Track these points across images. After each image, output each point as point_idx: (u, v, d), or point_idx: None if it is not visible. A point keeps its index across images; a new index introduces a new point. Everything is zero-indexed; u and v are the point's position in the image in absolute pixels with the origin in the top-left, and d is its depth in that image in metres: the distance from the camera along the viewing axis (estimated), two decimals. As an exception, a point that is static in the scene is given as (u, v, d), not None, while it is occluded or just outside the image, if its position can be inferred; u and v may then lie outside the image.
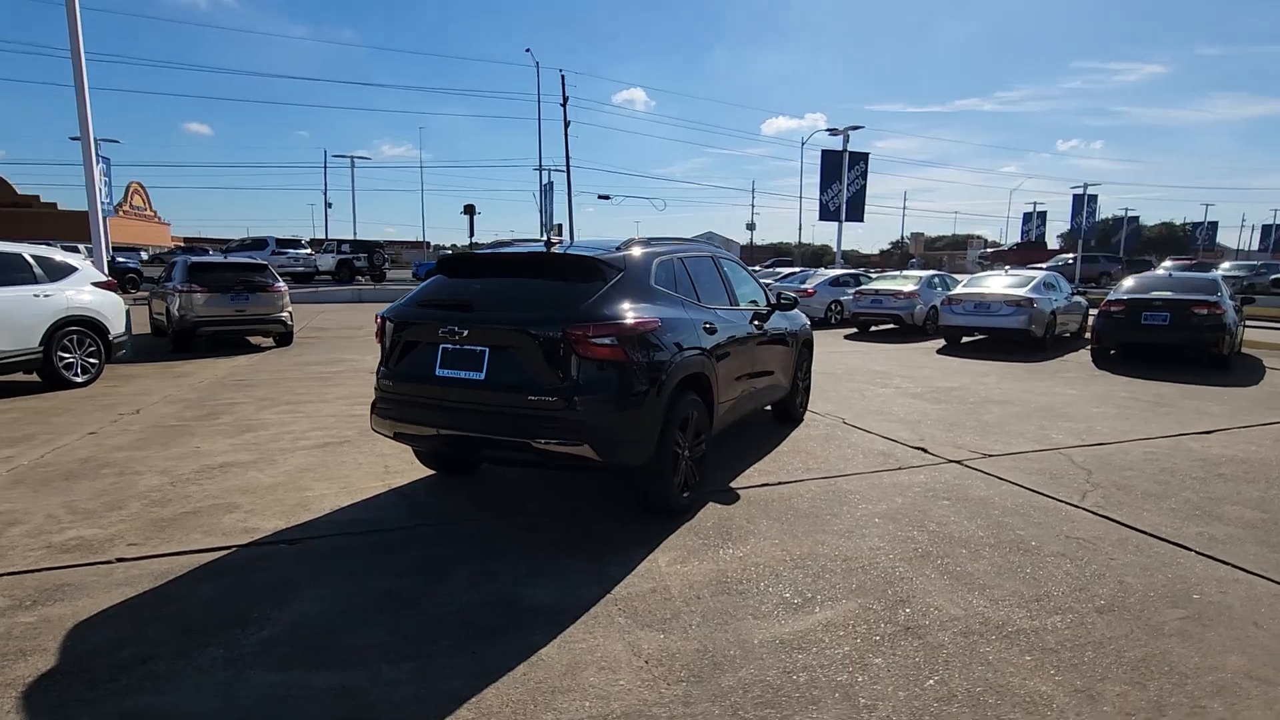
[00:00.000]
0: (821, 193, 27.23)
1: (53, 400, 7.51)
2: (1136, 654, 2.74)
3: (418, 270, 34.07)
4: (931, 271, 17.25)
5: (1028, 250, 49.47)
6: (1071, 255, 34.96)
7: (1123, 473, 5.07)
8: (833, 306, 17.58)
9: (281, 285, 12.77)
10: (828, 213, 27.61)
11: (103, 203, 21.09)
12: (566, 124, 33.04)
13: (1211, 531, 3.97)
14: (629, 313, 3.77)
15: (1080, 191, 31.89)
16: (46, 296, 8.09)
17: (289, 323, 12.75)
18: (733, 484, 4.76)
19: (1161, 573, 3.46)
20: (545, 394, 3.58)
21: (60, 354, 8.18)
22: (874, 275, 19.62)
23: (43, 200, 55.78)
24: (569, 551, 3.66)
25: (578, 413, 3.56)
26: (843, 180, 25.97)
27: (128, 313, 9.54)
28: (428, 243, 74.35)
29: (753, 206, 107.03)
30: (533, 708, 2.37)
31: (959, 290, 13.60)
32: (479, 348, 3.74)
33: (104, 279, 9.18)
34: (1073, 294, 14.14)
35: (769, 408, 6.47)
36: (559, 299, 3.77)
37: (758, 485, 4.76)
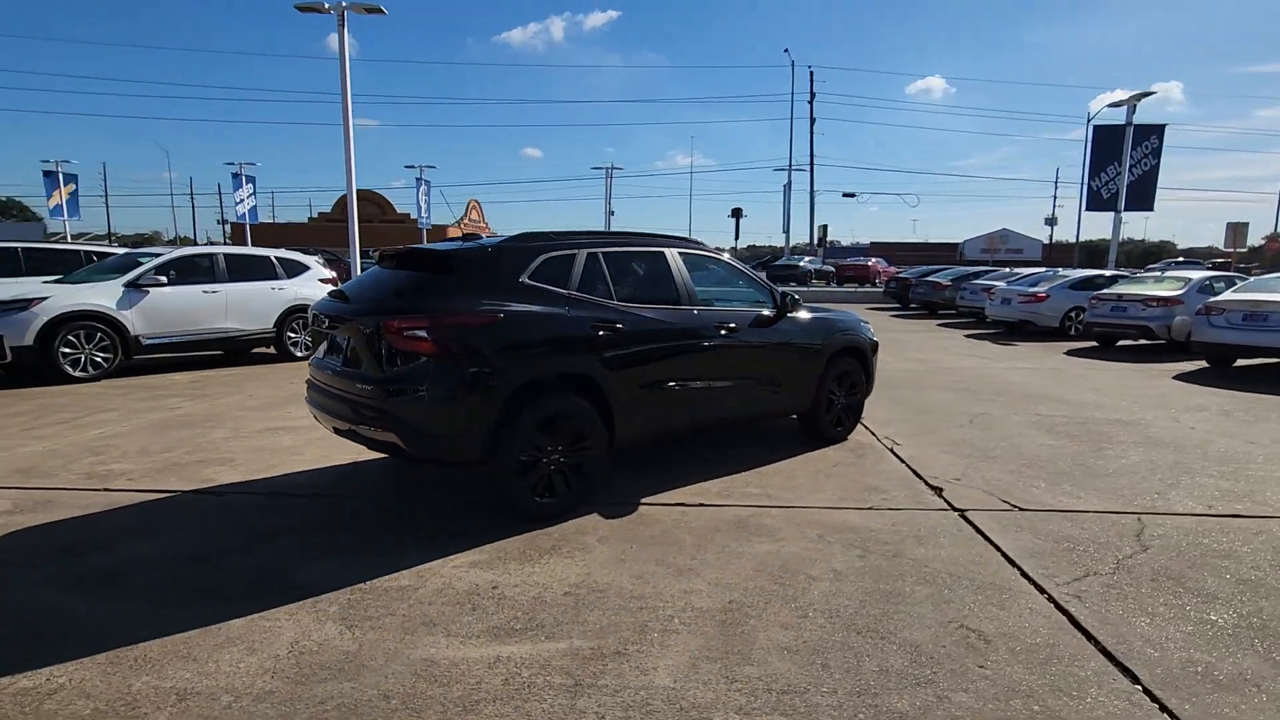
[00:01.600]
0: (1091, 178, 22.20)
1: (271, 369, 9.66)
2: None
3: None
4: (1209, 273, 13.21)
5: None
6: None
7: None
8: (1072, 315, 14.48)
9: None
10: (1099, 201, 22.39)
11: (421, 218, 26.36)
12: (813, 121, 31.98)
13: None
14: (452, 307, 3.72)
15: None
16: (280, 289, 10.43)
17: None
18: (652, 496, 4.37)
19: None
20: (369, 383, 3.72)
21: (288, 334, 10.49)
22: (1146, 273, 15.66)
23: (410, 217, 70.93)
24: (394, 540, 3.74)
25: (388, 402, 3.64)
26: (1122, 161, 20.71)
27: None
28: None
29: (1055, 199, 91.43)
30: (145, 667, 2.56)
31: (1226, 296, 10.27)
32: (342, 339, 4.02)
33: (329, 276, 11.47)
34: None
35: (798, 420, 5.74)
36: (400, 292, 3.87)
37: (673, 504, 4.30)
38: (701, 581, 3.28)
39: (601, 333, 4.15)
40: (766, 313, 5.21)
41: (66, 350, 8.45)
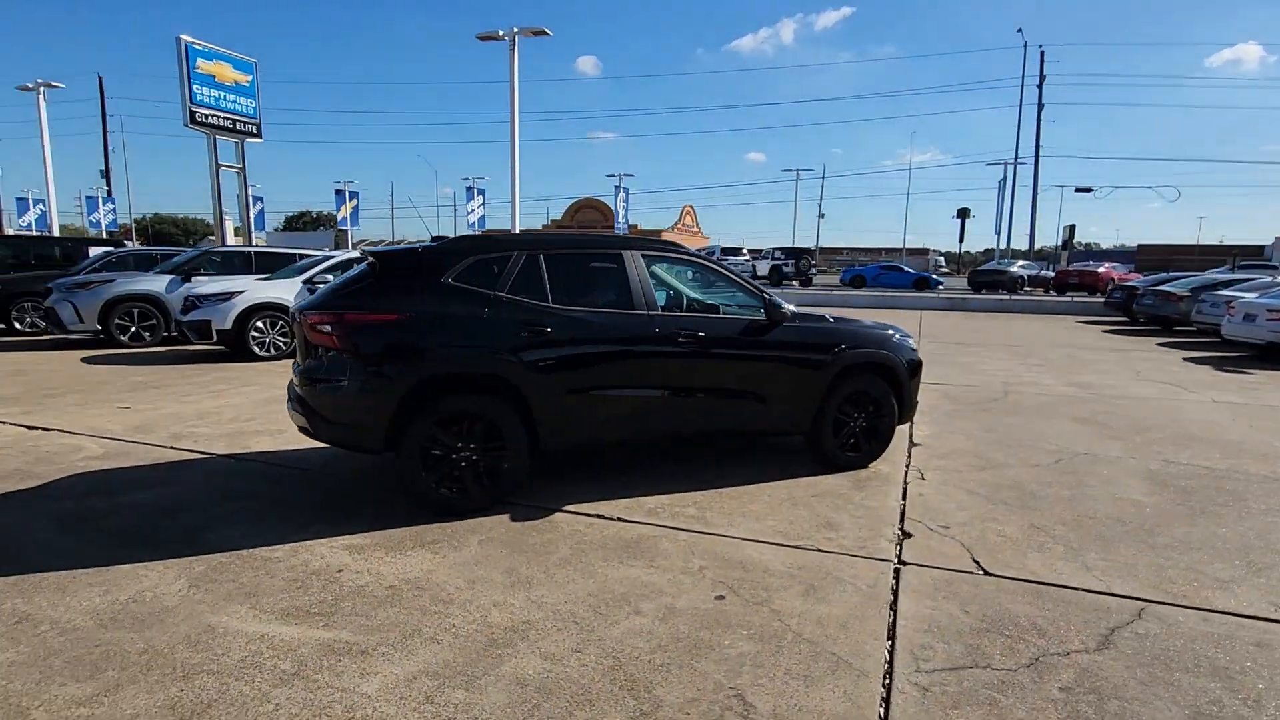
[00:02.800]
0: None
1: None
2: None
3: (844, 276, 33.85)
4: None
5: None
6: None
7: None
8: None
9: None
10: None
11: (618, 224, 28.28)
12: (1040, 107, 27.94)
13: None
14: (359, 305, 3.94)
15: None
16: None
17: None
18: (578, 504, 4.24)
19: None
20: (296, 372, 4.10)
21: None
22: None
23: (634, 224, 75.49)
24: (316, 515, 4.08)
25: (304, 389, 3.99)
26: None
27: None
28: (923, 250, 71.85)
29: None
30: (32, 591, 3.13)
31: None
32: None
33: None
34: None
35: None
36: (336, 290, 4.18)
37: (591, 514, 4.14)
38: (525, 598, 3.15)
39: (525, 335, 4.13)
40: (751, 321, 4.76)
41: (254, 334, 10.36)
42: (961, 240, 46.77)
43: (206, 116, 34.20)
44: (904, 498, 4.52)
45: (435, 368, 3.97)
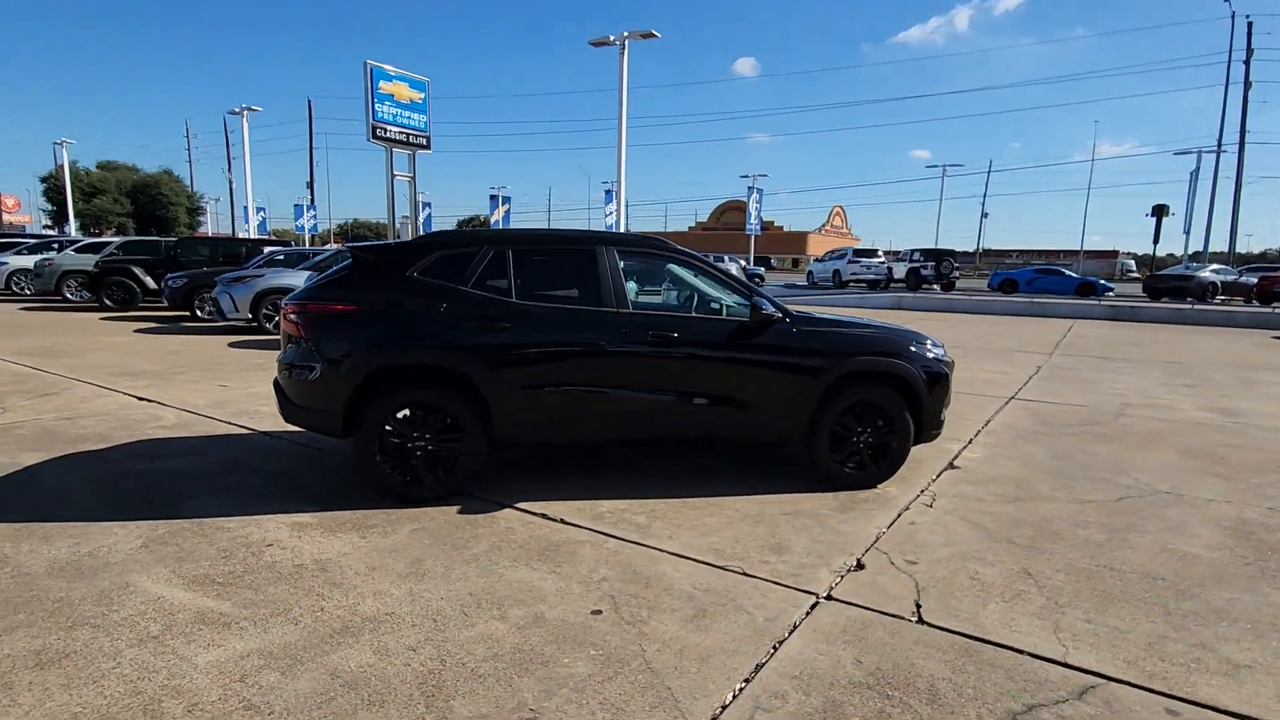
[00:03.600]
0: None
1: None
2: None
3: (993, 281, 30.54)
4: None
5: None
6: None
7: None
8: None
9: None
10: None
11: (753, 224, 28.41)
12: (1247, 85, 23.69)
13: None
14: (325, 296, 4.13)
15: None
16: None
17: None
18: (531, 502, 4.18)
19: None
20: (279, 359, 4.39)
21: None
22: None
23: (775, 224, 74.37)
24: (290, 492, 4.35)
25: (279, 374, 4.26)
26: None
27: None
28: (1110, 252, 63.80)
29: None
30: (20, 537, 3.61)
31: None
32: None
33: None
34: None
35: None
36: (317, 282, 4.42)
37: (535, 513, 4.06)
38: (408, 590, 3.15)
39: (481, 329, 4.14)
40: (733, 322, 4.45)
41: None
42: (1156, 241, 40.43)
43: (386, 131, 37.79)
44: (891, 525, 4.00)
45: (389, 358, 4.09)
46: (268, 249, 18.59)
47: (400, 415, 4.12)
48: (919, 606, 3.04)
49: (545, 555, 3.52)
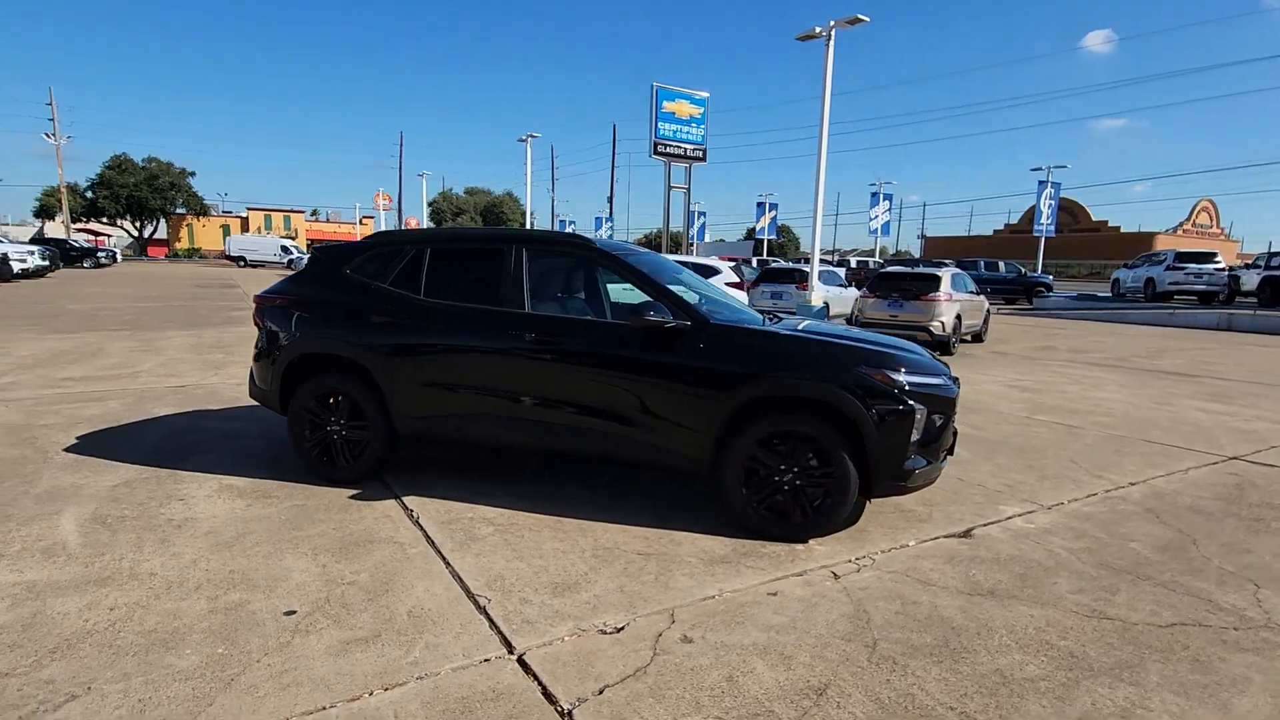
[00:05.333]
0: None
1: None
2: None
3: None
4: None
5: None
6: None
7: None
8: None
9: (940, 295, 12.77)
10: None
11: (1044, 225, 26.05)
12: None
13: None
14: (273, 290, 4.62)
15: None
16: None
17: (938, 332, 12.69)
18: (430, 499, 4.16)
19: None
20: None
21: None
22: None
23: (1110, 224, 61.98)
24: (264, 455, 4.96)
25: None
26: None
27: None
28: None
29: None
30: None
31: None
32: None
33: (735, 280, 12.50)
34: None
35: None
36: (285, 278, 4.93)
37: (410, 509, 4.03)
38: (205, 557, 3.39)
39: (382, 324, 4.27)
40: (622, 328, 3.90)
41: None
42: None
43: (666, 147, 40.39)
44: (739, 591, 3.13)
45: (306, 347, 4.44)
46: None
47: (319, 400, 4.44)
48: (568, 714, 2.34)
49: (342, 551, 3.50)
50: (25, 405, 6.36)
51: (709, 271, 12.47)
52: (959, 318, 12.77)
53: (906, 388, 3.58)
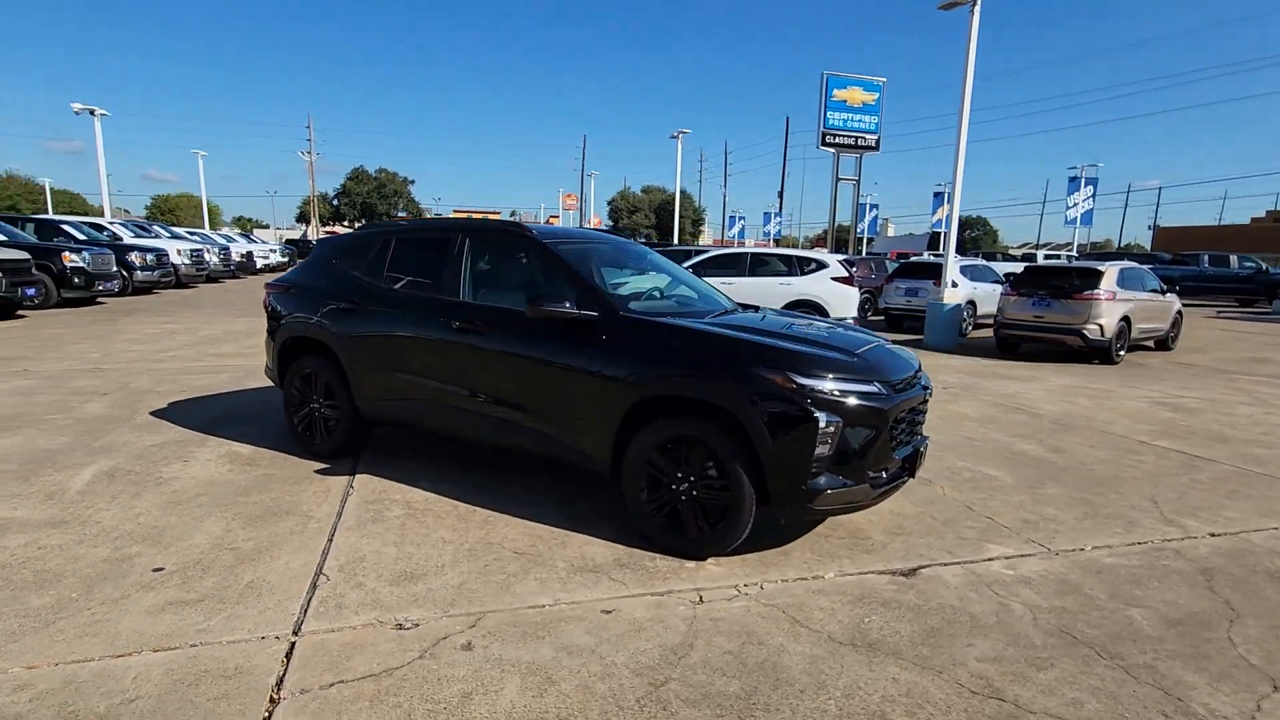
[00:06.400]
0: None
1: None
2: None
3: None
4: None
5: None
6: None
7: None
8: None
9: (1100, 293, 10.89)
10: None
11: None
12: None
13: None
14: (278, 279, 5.02)
15: None
16: (786, 285, 11.49)
17: (1094, 336, 10.83)
18: (396, 481, 4.33)
19: None
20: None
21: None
22: None
23: None
24: (272, 422, 5.43)
25: (270, 338, 5.35)
26: None
27: (862, 301, 11.67)
28: None
29: None
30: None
31: None
32: None
33: (843, 275, 11.54)
34: None
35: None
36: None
37: (367, 488, 4.20)
38: (159, 512, 3.79)
39: (345, 310, 4.49)
40: (523, 316, 3.72)
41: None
42: None
43: (835, 137, 38.57)
44: (702, 597, 2.86)
45: (291, 330, 4.78)
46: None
47: (303, 379, 4.78)
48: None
49: (257, 518, 3.71)
50: (162, 374, 7.55)
51: (806, 264, 11.64)
52: (1126, 320, 10.74)
53: (811, 393, 3.04)
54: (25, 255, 12.26)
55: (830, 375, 3.12)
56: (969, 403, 7.24)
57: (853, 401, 3.09)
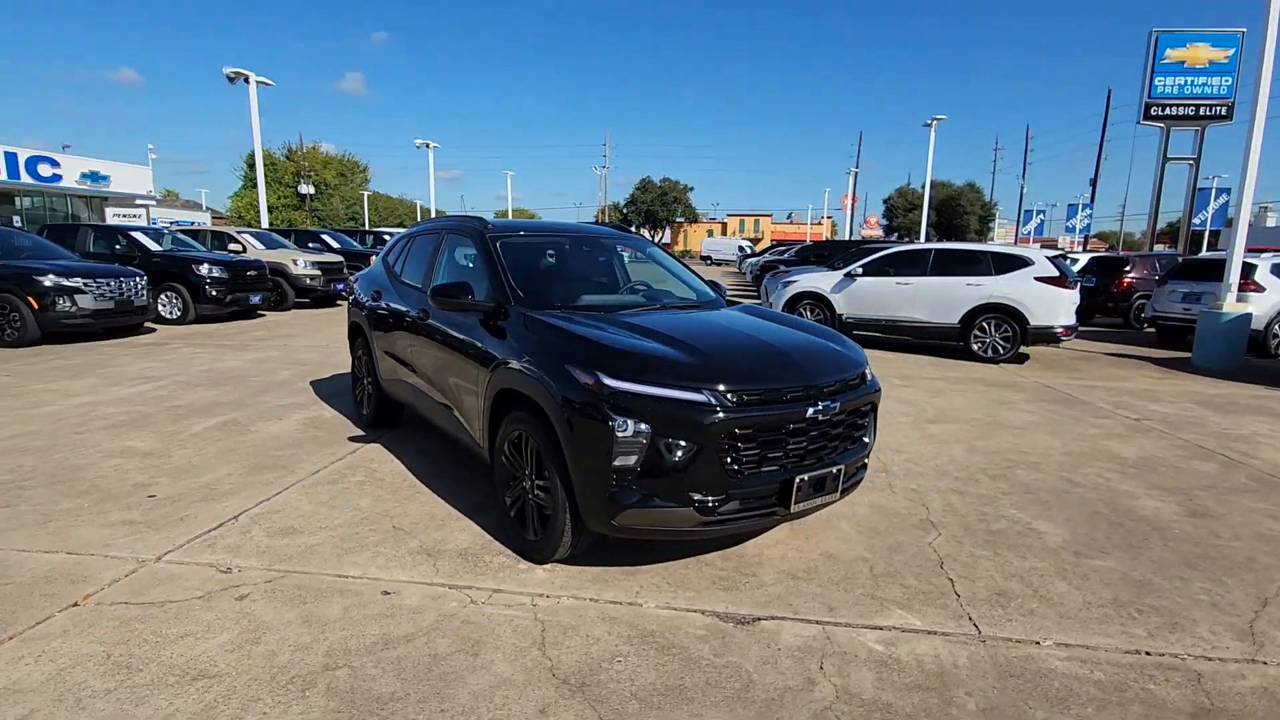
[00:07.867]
0: None
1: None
2: None
3: None
4: None
5: None
6: None
7: None
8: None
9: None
10: None
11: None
12: None
13: None
14: (358, 276, 5.79)
15: None
16: (977, 285, 9.83)
17: None
18: (389, 444, 4.88)
19: None
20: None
21: (975, 333, 9.85)
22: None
23: None
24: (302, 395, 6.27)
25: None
26: None
27: (1075, 307, 9.41)
28: None
29: None
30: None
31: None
32: None
33: (1051, 274, 9.44)
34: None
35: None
36: None
37: (379, 457, 4.76)
38: (183, 461, 4.76)
39: (370, 298, 5.11)
40: (434, 302, 3.77)
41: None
42: None
43: (1164, 108, 32.00)
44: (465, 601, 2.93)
45: (350, 317, 5.56)
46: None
47: (357, 360, 5.52)
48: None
49: (256, 468, 4.40)
50: (328, 351, 9.19)
51: (1005, 262, 9.72)
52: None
53: (615, 396, 2.69)
54: (339, 259, 15.66)
55: (650, 378, 2.74)
56: (1140, 440, 5.53)
57: (668, 409, 2.67)
